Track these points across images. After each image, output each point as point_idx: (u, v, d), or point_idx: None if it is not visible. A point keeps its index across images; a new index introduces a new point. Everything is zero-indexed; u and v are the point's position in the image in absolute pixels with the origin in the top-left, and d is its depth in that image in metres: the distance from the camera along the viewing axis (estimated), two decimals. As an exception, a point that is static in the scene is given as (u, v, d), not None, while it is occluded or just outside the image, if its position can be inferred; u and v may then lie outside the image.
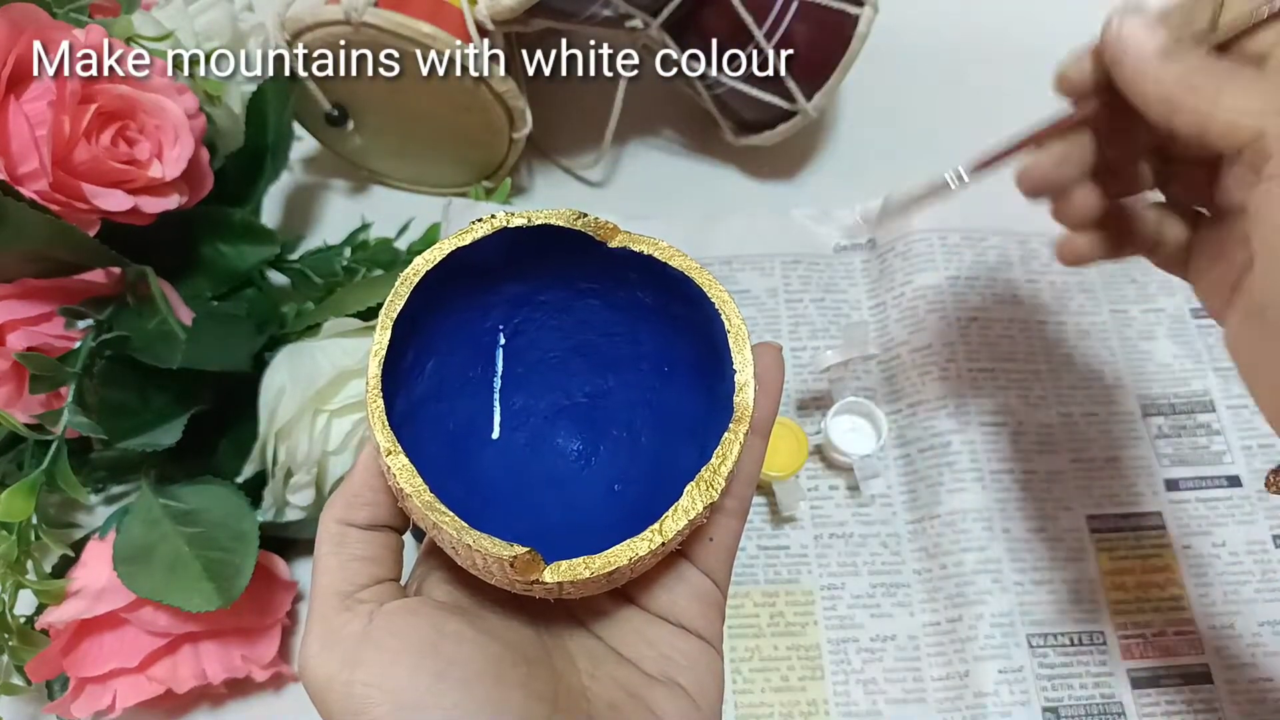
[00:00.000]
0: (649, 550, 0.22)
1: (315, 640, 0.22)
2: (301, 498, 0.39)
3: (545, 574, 0.21)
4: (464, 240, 0.24)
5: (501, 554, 0.21)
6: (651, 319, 0.27)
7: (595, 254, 0.25)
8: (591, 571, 0.21)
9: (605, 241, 0.25)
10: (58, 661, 0.35)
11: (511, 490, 0.27)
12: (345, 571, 0.23)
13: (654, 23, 0.47)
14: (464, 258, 0.24)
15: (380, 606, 0.22)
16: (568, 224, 0.25)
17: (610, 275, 0.26)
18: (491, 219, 0.25)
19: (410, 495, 0.22)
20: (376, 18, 0.42)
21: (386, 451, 0.22)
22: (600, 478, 0.28)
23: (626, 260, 0.25)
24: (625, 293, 0.27)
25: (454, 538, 0.21)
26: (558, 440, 0.29)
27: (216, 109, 0.46)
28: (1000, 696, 0.38)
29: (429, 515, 0.21)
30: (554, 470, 0.28)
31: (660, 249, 0.25)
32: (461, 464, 0.25)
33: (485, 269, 0.26)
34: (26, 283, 0.38)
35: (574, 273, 0.27)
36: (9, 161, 0.35)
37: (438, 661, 0.21)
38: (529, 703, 0.21)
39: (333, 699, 0.21)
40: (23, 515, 0.35)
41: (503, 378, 0.28)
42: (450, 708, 0.20)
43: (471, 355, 0.28)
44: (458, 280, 0.25)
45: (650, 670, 0.24)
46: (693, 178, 0.55)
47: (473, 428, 0.28)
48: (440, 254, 0.24)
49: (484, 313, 0.27)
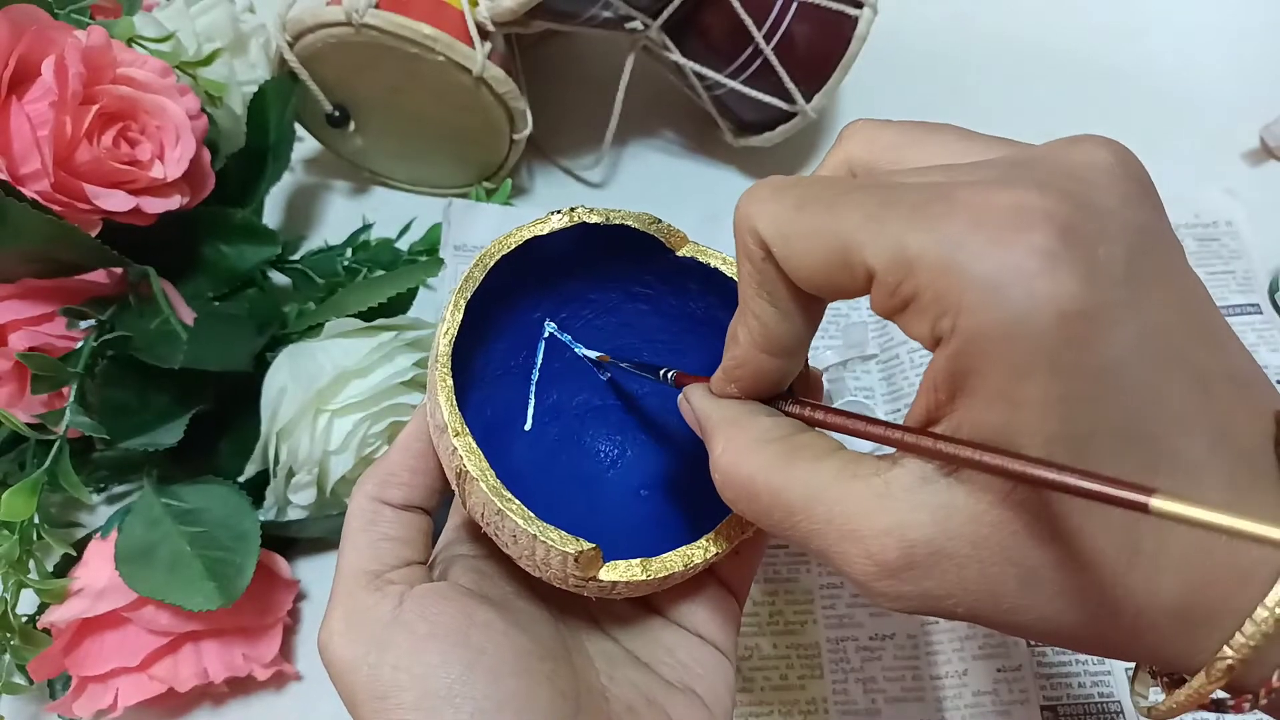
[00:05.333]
0: (704, 558, 0.22)
1: (340, 619, 0.22)
2: (303, 497, 0.39)
3: (602, 573, 0.21)
4: (540, 230, 0.24)
5: (567, 548, 0.21)
6: (698, 330, 0.27)
7: (660, 260, 0.26)
8: (648, 575, 0.21)
9: (674, 249, 0.25)
10: (59, 660, 0.35)
11: (538, 484, 0.27)
12: (376, 550, 0.23)
13: (654, 24, 0.47)
14: (535, 247, 0.24)
15: (410, 589, 0.22)
16: (642, 227, 0.25)
17: (667, 283, 0.27)
18: (571, 211, 0.25)
19: (476, 479, 0.21)
20: (377, 19, 0.42)
21: (455, 433, 0.22)
22: (626, 481, 0.28)
23: (690, 270, 0.26)
24: (677, 300, 0.27)
25: (519, 526, 0.21)
26: (587, 439, 0.29)
27: (218, 110, 0.46)
28: (999, 695, 0.38)
29: (495, 501, 0.21)
30: (581, 469, 0.28)
31: (726, 263, 0.25)
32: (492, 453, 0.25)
33: (548, 260, 0.26)
34: (28, 283, 0.38)
35: (633, 276, 0.27)
36: (11, 162, 0.35)
37: (468, 651, 0.21)
38: (554, 699, 0.21)
39: (359, 681, 0.21)
40: (25, 515, 0.35)
41: (540, 370, 0.28)
42: (480, 699, 0.20)
43: (515, 345, 0.27)
44: (517, 267, 0.25)
45: (668, 677, 0.24)
46: (693, 178, 0.56)
47: (507, 418, 0.27)
48: (516, 240, 0.24)
49: (534, 303, 0.27)
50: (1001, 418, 0.15)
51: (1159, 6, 0.61)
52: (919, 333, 0.16)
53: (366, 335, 0.39)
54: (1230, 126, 0.55)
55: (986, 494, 0.16)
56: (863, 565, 0.16)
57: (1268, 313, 0.47)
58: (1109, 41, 0.59)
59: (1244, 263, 0.48)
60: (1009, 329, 0.14)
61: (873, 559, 0.16)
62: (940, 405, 0.16)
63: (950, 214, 0.15)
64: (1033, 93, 0.57)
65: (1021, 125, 0.63)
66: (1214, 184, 0.51)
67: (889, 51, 0.55)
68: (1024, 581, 0.16)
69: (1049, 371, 0.14)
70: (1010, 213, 0.14)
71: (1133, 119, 0.56)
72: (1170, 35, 0.60)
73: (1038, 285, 0.14)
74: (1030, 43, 0.60)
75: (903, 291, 0.15)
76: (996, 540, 0.16)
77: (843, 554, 0.17)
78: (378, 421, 0.38)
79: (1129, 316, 0.15)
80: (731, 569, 0.26)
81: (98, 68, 0.37)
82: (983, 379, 0.15)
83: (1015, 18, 0.61)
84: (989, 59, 0.59)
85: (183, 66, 0.44)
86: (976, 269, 0.14)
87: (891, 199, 0.16)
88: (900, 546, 0.16)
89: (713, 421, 0.20)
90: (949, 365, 0.15)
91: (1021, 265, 0.14)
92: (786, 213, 0.17)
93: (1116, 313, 0.15)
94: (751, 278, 0.18)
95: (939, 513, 0.16)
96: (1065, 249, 0.14)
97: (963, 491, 0.16)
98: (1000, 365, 0.15)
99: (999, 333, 0.14)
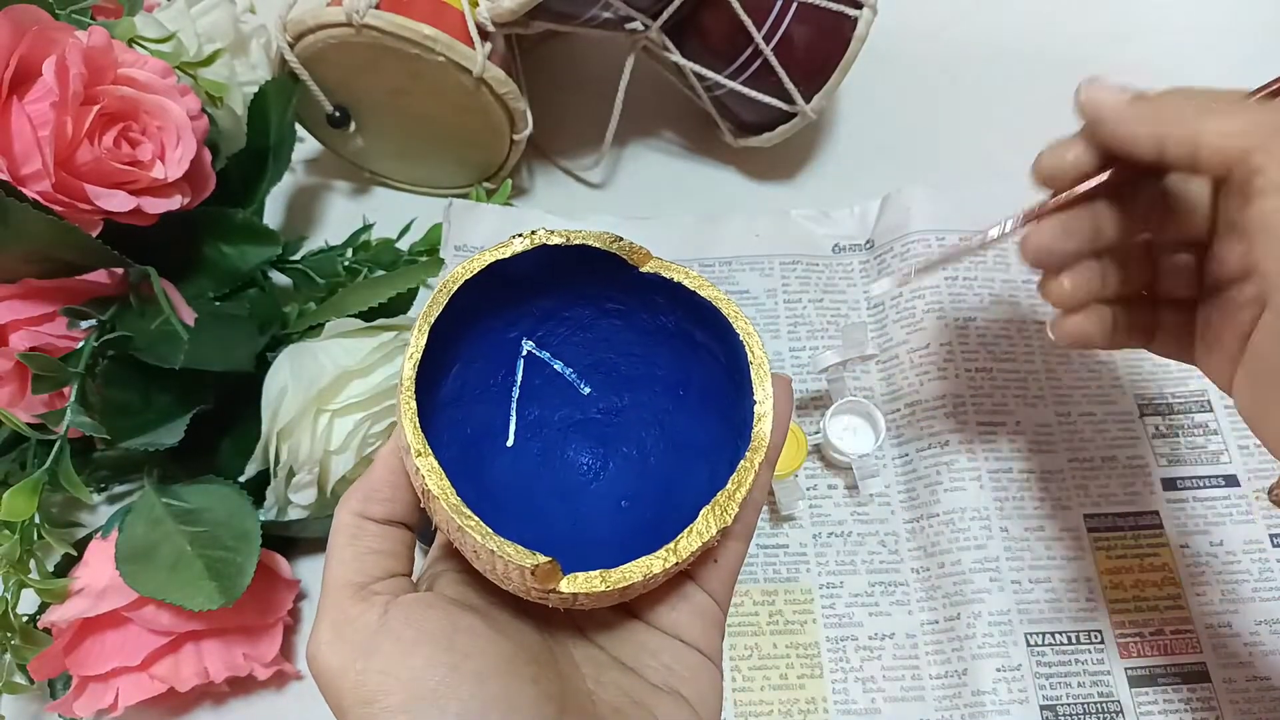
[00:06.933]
0: (662, 569, 0.22)
1: (327, 629, 0.22)
2: (303, 497, 0.39)
3: (562, 584, 0.22)
4: (503, 253, 0.25)
5: (524, 562, 0.21)
6: (671, 343, 0.28)
7: (625, 276, 0.26)
8: (607, 585, 0.22)
9: (637, 266, 0.26)
10: (60, 660, 0.35)
11: (521, 499, 0.27)
12: (361, 563, 0.23)
13: (654, 25, 0.47)
14: (500, 270, 0.25)
15: (395, 598, 0.22)
16: (603, 246, 0.25)
17: (637, 298, 0.27)
18: (531, 234, 0.25)
19: (437, 497, 0.22)
20: (378, 20, 0.42)
21: (417, 453, 0.22)
22: (608, 493, 0.28)
23: (655, 285, 0.26)
24: (648, 316, 0.28)
25: (477, 542, 0.21)
26: (569, 453, 0.29)
27: (219, 110, 0.46)
28: (998, 694, 0.38)
29: (454, 518, 0.21)
30: (564, 482, 0.28)
31: (690, 278, 0.26)
32: (475, 469, 0.25)
33: (516, 281, 0.26)
34: (29, 283, 0.38)
35: (602, 293, 0.27)
36: (12, 162, 0.35)
37: (452, 655, 0.21)
38: (539, 701, 0.21)
39: (345, 687, 0.21)
40: (25, 514, 0.35)
41: (520, 388, 0.29)
42: (466, 699, 0.20)
43: (493, 363, 0.28)
44: (486, 290, 0.25)
45: (653, 680, 0.24)
46: (692, 179, 0.56)
47: (488, 434, 0.28)
48: (479, 265, 0.25)
49: (509, 323, 0.28)
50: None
51: (1158, 7, 0.61)
52: None
53: (367, 335, 0.39)
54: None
55: None
56: None
57: (1267, 313, 0.47)
58: (1109, 41, 0.59)
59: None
60: None
61: None
62: None
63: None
64: (1032, 93, 0.57)
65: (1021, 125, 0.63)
66: (1213, 184, 0.51)
67: (889, 52, 0.55)
68: None
69: None
70: None
71: (1132, 119, 0.56)
72: (1169, 35, 0.60)
73: None
74: (1030, 43, 0.60)
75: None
76: None
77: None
78: (378, 421, 0.38)
79: None
80: (711, 576, 0.26)
81: (99, 68, 0.37)
82: None
83: (1014, 18, 0.61)
84: (988, 60, 0.59)
85: (184, 67, 0.44)
86: None
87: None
88: None
89: None
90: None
91: None
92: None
93: None
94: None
95: None
96: None
97: None
98: None
99: None
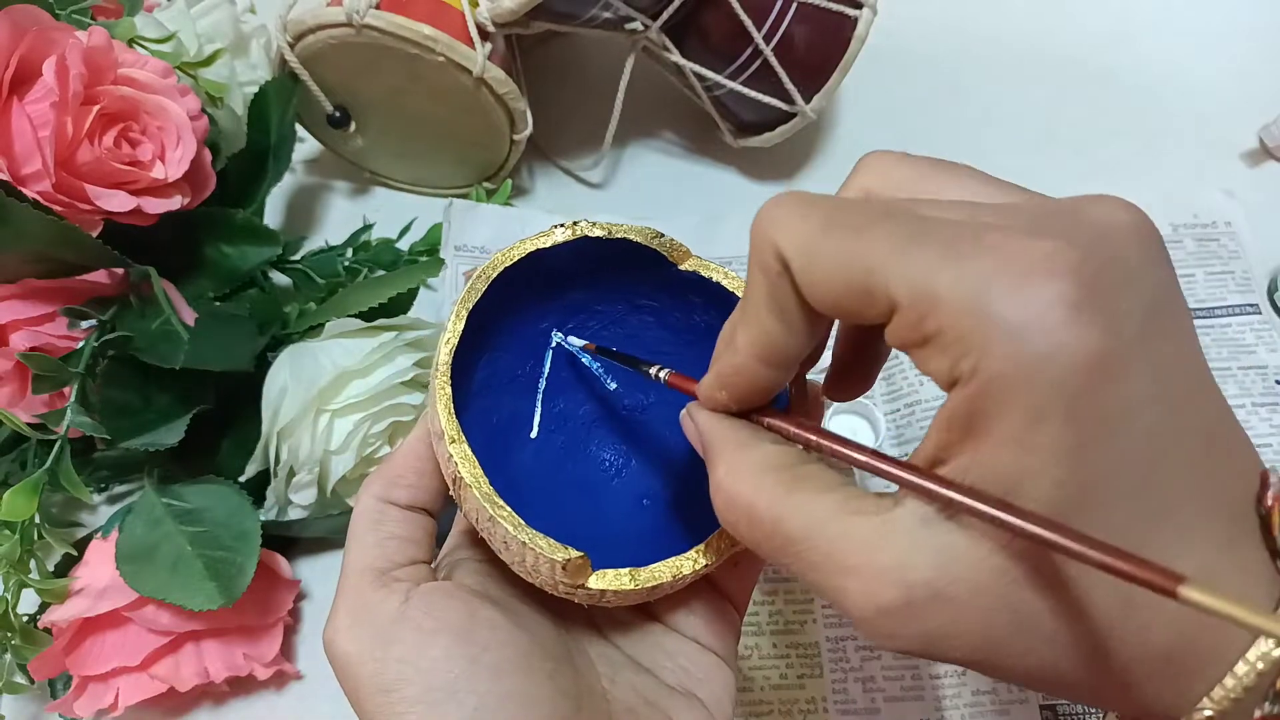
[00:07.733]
0: (692, 569, 0.22)
1: (346, 615, 0.22)
2: (304, 497, 0.39)
3: (591, 580, 0.22)
4: (544, 243, 0.25)
5: (555, 556, 0.21)
6: (702, 343, 0.27)
7: (662, 273, 0.26)
8: (636, 584, 0.22)
9: (677, 263, 0.26)
10: (60, 660, 0.35)
11: (543, 491, 0.27)
12: (382, 549, 0.23)
13: (654, 25, 0.47)
14: (539, 259, 0.25)
15: (416, 586, 0.22)
16: (645, 241, 0.25)
17: (671, 295, 0.27)
18: (574, 225, 0.25)
19: (470, 485, 0.22)
20: (378, 20, 0.42)
21: (450, 440, 0.22)
22: (630, 490, 0.28)
23: (693, 284, 0.26)
24: (682, 314, 0.27)
25: (509, 533, 0.21)
26: (592, 448, 0.29)
27: (219, 110, 0.46)
28: (998, 694, 0.38)
29: (486, 507, 0.21)
30: (586, 477, 0.28)
31: (729, 277, 0.25)
32: (499, 459, 0.25)
33: (552, 272, 0.26)
34: (29, 283, 0.38)
35: (636, 288, 0.27)
36: (12, 162, 0.35)
37: (471, 647, 0.21)
38: (555, 698, 0.21)
39: (363, 675, 0.21)
40: (26, 514, 0.35)
41: (547, 379, 0.28)
42: (483, 693, 0.20)
43: (522, 354, 0.28)
44: (521, 279, 0.25)
45: (669, 681, 0.24)
46: (693, 179, 0.56)
47: (513, 425, 0.28)
48: (520, 252, 0.25)
49: (541, 314, 0.28)
50: (1013, 461, 0.15)
51: (1158, 8, 0.61)
52: (936, 369, 0.16)
53: (367, 335, 0.39)
54: (1229, 127, 0.56)
55: (987, 540, 0.16)
56: (860, 603, 0.16)
57: (1266, 313, 0.47)
58: (1108, 42, 0.59)
59: (1242, 263, 0.48)
60: (1030, 374, 0.14)
61: (871, 598, 0.16)
62: (951, 445, 0.16)
63: (979, 255, 0.15)
64: (1032, 94, 0.57)
65: (1021, 126, 0.62)
66: (1213, 184, 0.51)
67: (888, 52, 0.55)
68: (1021, 628, 0.16)
69: (1064, 418, 0.14)
70: (1039, 260, 0.15)
71: (1132, 119, 0.56)
72: (1169, 36, 0.60)
73: (1062, 333, 0.14)
74: (1029, 44, 0.60)
75: (925, 327, 0.15)
76: (996, 587, 0.16)
77: (840, 589, 0.17)
78: (378, 421, 0.38)
79: (1143, 371, 0.15)
80: (731, 580, 0.26)
81: (99, 68, 0.37)
82: (998, 421, 0.15)
83: (1014, 19, 0.61)
84: (988, 60, 0.59)
85: (184, 67, 0.44)
86: (1003, 312, 0.14)
87: (921, 233, 0.16)
88: (899, 587, 0.16)
89: (717, 442, 0.20)
90: (966, 406, 0.15)
91: (1047, 313, 0.14)
92: (811, 232, 0.17)
93: (1132, 366, 0.15)
94: (762, 289, 0.18)
95: (939, 555, 0.16)
96: (1089, 300, 0.14)
97: (964, 536, 0.16)
98: (1017, 409, 0.15)
99: (1020, 377, 0.14)
